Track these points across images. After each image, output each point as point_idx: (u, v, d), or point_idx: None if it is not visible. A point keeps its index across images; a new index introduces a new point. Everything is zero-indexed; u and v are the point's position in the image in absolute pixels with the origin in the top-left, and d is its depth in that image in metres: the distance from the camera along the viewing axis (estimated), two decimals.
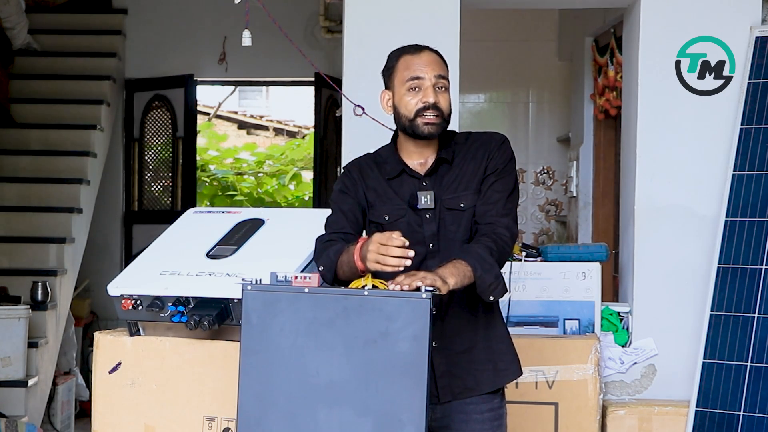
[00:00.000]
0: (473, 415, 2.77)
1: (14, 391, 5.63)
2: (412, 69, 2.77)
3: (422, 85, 2.75)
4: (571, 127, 6.72)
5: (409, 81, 2.76)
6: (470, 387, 2.77)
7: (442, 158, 2.80)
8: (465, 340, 2.77)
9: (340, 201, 2.85)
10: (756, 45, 4.15)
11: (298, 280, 2.41)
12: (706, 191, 4.18)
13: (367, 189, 2.83)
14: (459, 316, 2.76)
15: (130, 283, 3.03)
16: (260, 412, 2.39)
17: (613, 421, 3.98)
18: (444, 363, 2.74)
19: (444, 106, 2.75)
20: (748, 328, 3.92)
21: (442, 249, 2.75)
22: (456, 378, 2.76)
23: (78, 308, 7.25)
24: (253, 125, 15.70)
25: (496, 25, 7.11)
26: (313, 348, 2.36)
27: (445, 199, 2.77)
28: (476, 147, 2.82)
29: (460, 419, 2.77)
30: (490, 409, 2.79)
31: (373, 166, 2.86)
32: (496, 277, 2.63)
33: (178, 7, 8.09)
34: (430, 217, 2.76)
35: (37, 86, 7.69)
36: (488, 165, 2.78)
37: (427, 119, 2.74)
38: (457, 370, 2.76)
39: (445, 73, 2.79)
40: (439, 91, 2.75)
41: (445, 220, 2.76)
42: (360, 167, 2.87)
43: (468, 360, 2.77)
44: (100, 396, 3.06)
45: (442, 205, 2.77)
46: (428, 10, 4.21)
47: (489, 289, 2.62)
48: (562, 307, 4.17)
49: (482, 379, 2.78)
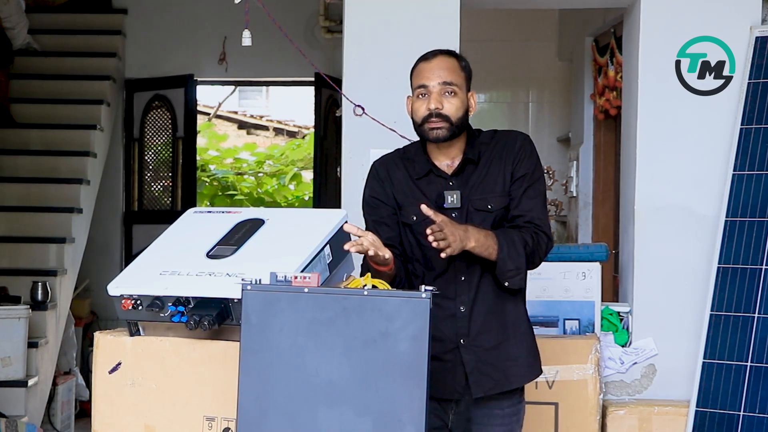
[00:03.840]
0: (495, 410, 2.88)
1: (14, 391, 5.63)
2: (420, 77, 2.87)
3: (428, 92, 2.84)
4: (571, 127, 6.73)
5: (417, 89, 2.87)
6: (500, 383, 2.87)
7: (468, 158, 2.88)
8: (492, 338, 2.86)
9: (372, 213, 2.94)
10: (756, 45, 4.15)
11: (298, 280, 2.41)
12: (706, 191, 4.18)
13: (395, 189, 2.92)
14: (486, 312, 2.86)
15: (130, 283, 3.02)
16: (260, 412, 2.39)
17: (613, 421, 3.98)
18: (473, 360, 2.85)
19: (450, 111, 2.82)
20: (748, 328, 3.92)
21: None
22: (485, 375, 2.85)
23: (78, 308, 7.25)
24: (253, 125, 15.71)
25: (496, 25, 7.11)
26: (312, 348, 2.36)
27: (473, 199, 2.85)
28: (500, 147, 2.89)
29: (482, 413, 2.88)
30: (511, 404, 2.90)
31: (400, 164, 2.94)
32: (518, 268, 2.76)
33: (178, 7, 8.09)
34: (457, 216, 2.83)
35: (37, 86, 7.69)
36: (515, 168, 2.87)
37: (432, 125, 2.82)
38: (486, 367, 2.85)
39: (455, 78, 2.85)
40: (446, 97, 2.83)
41: (472, 221, 2.83)
42: (387, 166, 2.94)
43: (496, 357, 2.86)
44: (100, 396, 3.06)
45: (471, 205, 2.85)
46: (428, 10, 4.21)
47: (507, 274, 2.77)
48: (562, 307, 4.17)
49: (510, 375, 2.88)
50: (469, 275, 2.85)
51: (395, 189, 2.91)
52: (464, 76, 2.88)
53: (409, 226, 2.88)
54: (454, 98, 2.83)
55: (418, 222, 2.84)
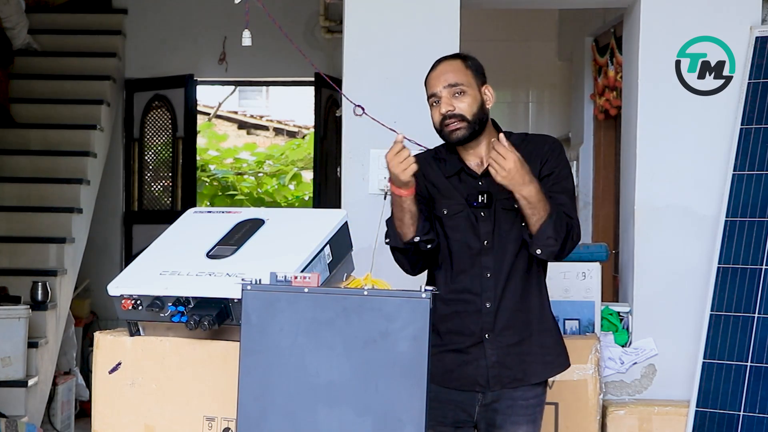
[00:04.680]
0: (519, 401, 2.96)
1: (14, 391, 5.63)
2: (429, 86, 2.96)
3: (438, 98, 2.92)
4: (571, 127, 6.73)
5: (429, 98, 2.96)
6: (519, 378, 2.95)
7: None
8: (516, 334, 2.94)
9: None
10: (756, 45, 4.15)
11: (298, 280, 2.41)
12: (706, 191, 4.18)
13: (428, 184, 2.99)
14: (512, 309, 2.93)
15: (130, 283, 3.02)
16: (260, 412, 2.39)
17: (613, 421, 3.98)
18: (495, 354, 2.93)
19: (463, 109, 2.90)
20: (748, 328, 3.92)
21: (496, 246, 2.92)
22: (506, 369, 2.93)
23: (78, 308, 7.25)
24: (253, 125, 15.71)
25: (496, 25, 7.11)
26: (312, 348, 2.36)
27: (501, 199, 2.90)
28: (530, 149, 2.93)
29: (507, 404, 2.95)
30: (535, 395, 2.99)
31: (433, 163, 3.02)
32: (556, 239, 2.80)
33: (178, 7, 8.09)
34: (486, 215, 2.92)
35: (37, 86, 7.69)
36: (542, 168, 2.91)
37: (450, 127, 2.90)
38: (507, 362, 2.93)
39: (461, 78, 2.92)
40: (456, 98, 2.90)
41: (500, 220, 2.92)
42: (420, 164, 2.96)
43: (518, 352, 2.94)
44: (100, 396, 3.06)
45: (498, 204, 2.91)
46: (428, 10, 4.21)
47: (546, 241, 2.80)
48: (562, 307, 4.17)
49: (530, 371, 2.96)
50: (496, 272, 2.92)
51: (428, 183, 2.99)
52: (471, 73, 2.95)
53: (439, 219, 2.96)
54: (465, 96, 2.90)
55: (449, 215, 2.94)
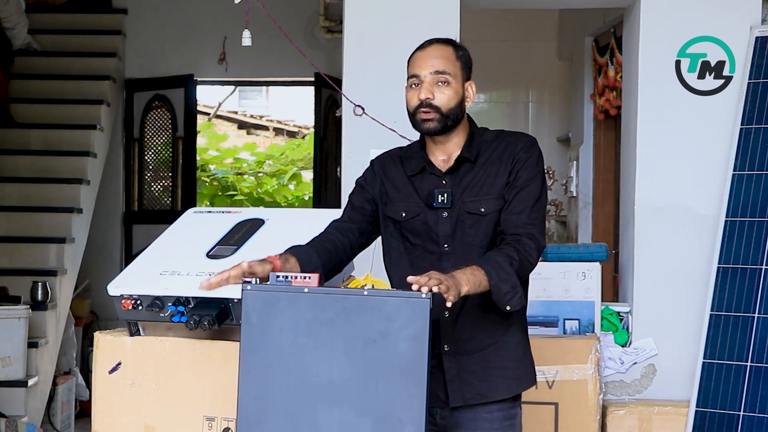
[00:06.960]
0: (482, 414, 2.73)
1: (14, 391, 5.63)
2: (413, 66, 2.74)
3: (420, 82, 2.71)
4: (571, 127, 6.73)
5: (409, 78, 2.74)
6: (482, 393, 2.72)
7: (463, 157, 2.74)
8: (478, 345, 2.72)
9: (354, 193, 2.88)
10: (756, 45, 4.15)
11: (298, 280, 2.41)
12: (706, 191, 4.18)
13: (388, 184, 2.80)
14: (473, 320, 2.71)
15: (130, 283, 3.02)
16: (260, 412, 2.39)
17: (613, 421, 3.98)
18: (455, 367, 2.71)
19: (441, 101, 2.68)
20: (748, 328, 3.92)
21: (458, 251, 2.70)
22: (467, 383, 2.71)
23: (78, 308, 7.25)
24: (253, 125, 15.70)
25: (496, 25, 7.12)
26: (312, 348, 2.36)
27: (465, 201, 2.71)
28: (502, 148, 2.75)
29: (469, 418, 2.72)
30: (500, 409, 2.74)
31: (398, 161, 2.82)
32: (513, 287, 2.55)
33: (178, 7, 8.09)
34: (447, 216, 2.71)
35: (37, 86, 7.69)
36: (512, 171, 2.72)
37: (423, 116, 2.69)
38: (469, 376, 2.71)
39: (449, 67, 2.71)
40: (438, 87, 2.69)
41: (463, 223, 2.70)
42: (383, 162, 2.85)
43: (481, 366, 2.72)
44: (100, 396, 3.06)
45: (462, 207, 2.71)
46: (428, 10, 4.21)
47: (505, 298, 2.54)
48: (562, 307, 4.17)
49: (495, 386, 2.72)
50: None
51: (388, 184, 2.79)
52: (460, 65, 2.73)
53: (397, 222, 2.76)
54: (447, 88, 2.69)
55: (407, 219, 2.74)
